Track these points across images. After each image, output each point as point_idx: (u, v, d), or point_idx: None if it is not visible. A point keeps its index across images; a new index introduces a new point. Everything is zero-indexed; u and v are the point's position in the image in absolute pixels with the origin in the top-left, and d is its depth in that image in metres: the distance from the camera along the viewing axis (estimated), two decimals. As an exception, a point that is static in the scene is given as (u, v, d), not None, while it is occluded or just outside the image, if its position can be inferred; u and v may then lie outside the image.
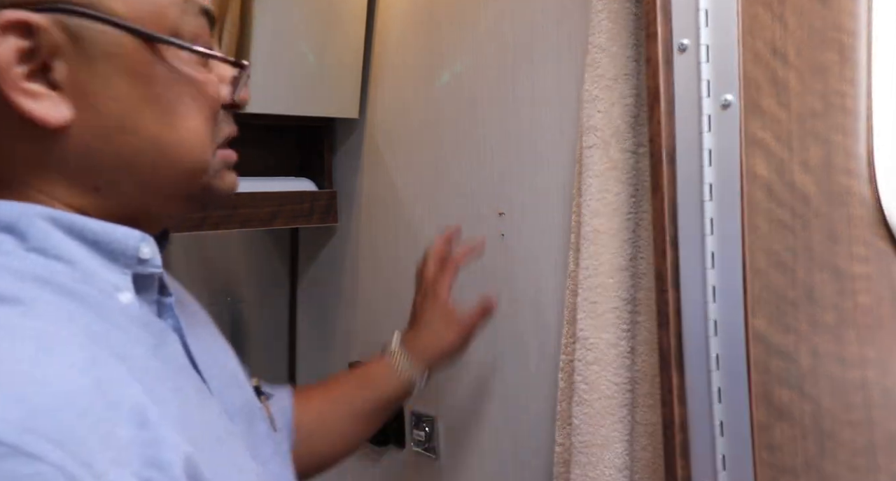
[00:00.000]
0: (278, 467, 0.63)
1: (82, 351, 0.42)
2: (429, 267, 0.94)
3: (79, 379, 0.40)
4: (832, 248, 0.69)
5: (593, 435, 0.78)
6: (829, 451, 0.67)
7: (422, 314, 0.91)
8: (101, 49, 0.47)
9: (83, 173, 0.49)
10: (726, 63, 0.61)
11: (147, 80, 0.49)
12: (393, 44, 1.17)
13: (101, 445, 0.39)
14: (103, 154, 0.49)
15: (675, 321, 0.65)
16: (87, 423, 0.39)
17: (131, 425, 0.41)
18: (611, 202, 0.78)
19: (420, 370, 0.88)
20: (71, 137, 0.48)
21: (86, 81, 0.47)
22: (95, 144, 0.48)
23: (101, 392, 0.41)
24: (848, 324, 0.70)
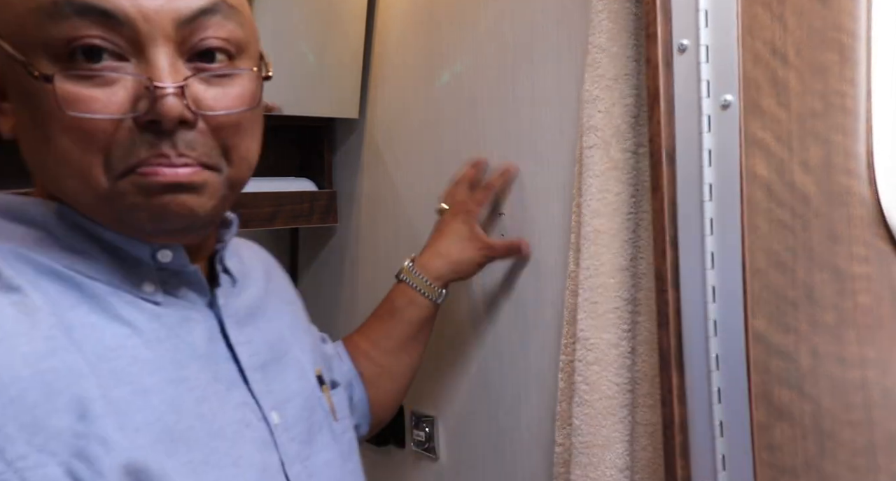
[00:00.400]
0: (330, 456, 0.64)
1: (44, 342, 0.45)
2: (460, 189, 0.95)
3: (20, 370, 0.43)
4: (832, 248, 0.69)
5: (594, 436, 0.78)
6: (829, 451, 0.67)
7: (447, 226, 0.92)
8: (4, 62, 0.49)
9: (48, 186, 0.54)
10: (726, 63, 0.61)
11: (24, 99, 0.49)
12: (393, 44, 1.17)
13: (23, 432, 0.41)
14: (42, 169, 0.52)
15: (675, 321, 0.65)
16: (11, 411, 0.42)
17: (68, 416, 0.44)
18: (611, 202, 0.78)
19: (438, 285, 0.90)
20: (24, 151, 0.51)
21: (8, 100, 0.51)
22: (33, 159, 0.52)
23: (42, 383, 0.43)
24: (848, 324, 0.70)
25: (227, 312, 0.59)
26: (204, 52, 0.50)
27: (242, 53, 0.53)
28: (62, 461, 0.43)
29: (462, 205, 0.94)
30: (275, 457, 0.56)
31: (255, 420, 0.56)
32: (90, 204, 0.50)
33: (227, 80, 0.52)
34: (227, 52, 0.52)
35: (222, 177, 0.53)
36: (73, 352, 0.46)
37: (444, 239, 0.92)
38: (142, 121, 0.48)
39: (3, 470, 0.41)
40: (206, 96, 0.50)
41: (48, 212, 0.52)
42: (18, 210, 0.52)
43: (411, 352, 0.91)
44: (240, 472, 0.52)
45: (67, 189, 0.50)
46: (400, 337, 0.90)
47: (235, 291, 0.63)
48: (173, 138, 0.48)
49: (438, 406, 1.13)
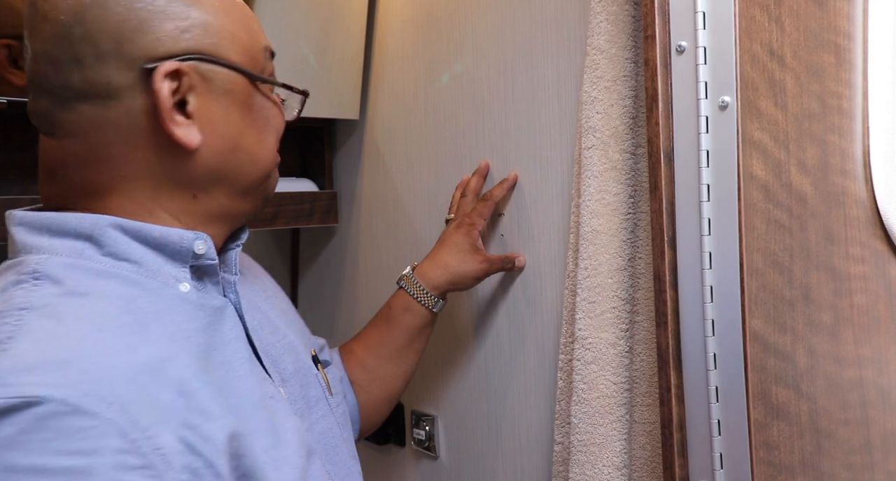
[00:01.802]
0: (328, 425, 0.74)
1: (133, 334, 0.53)
2: (466, 200, 0.99)
3: (125, 355, 0.51)
4: (829, 249, 0.69)
5: (592, 434, 0.79)
6: (825, 449, 0.67)
7: (449, 238, 0.95)
8: (222, 86, 0.62)
9: (190, 184, 0.62)
10: (724, 65, 0.62)
11: (250, 108, 0.64)
12: (393, 44, 1.17)
13: (145, 407, 0.49)
14: (213, 168, 0.62)
15: (674, 320, 0.66)
16: (133, 389, 0.50)
17: (172, 392, 0.52)
18: (609, 202, 0.79)
19: (435, 295, 0.93)
20: (195, 157, 0.61)
21: (212, 111, 0.61)
22: (210, 160, 0.62)
23: (146, 365, 0.52)
24: (844, 324, 0.70)
25: (241, 300, 0.67)
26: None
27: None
28: (173, 429, 0.51)
29: (466, 217, 0.96)
30: (297, 422, 0.65)
31: (275, 393, 0.64)
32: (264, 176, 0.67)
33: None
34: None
35: None
36: (153, 342, 0.54)
37: (446, 250, 0.94)
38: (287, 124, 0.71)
39: (138, 438, 0.48)
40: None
41: (89, 225, 0.58)
42: (59, 226, 0.58)
43: (406, 359, 0.94)
44: (282, 436, 0.60)
45: (249, 174, 0.65)
46: (395, 343, 0.92)
47: (241, 283, 0.70)
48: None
49: (438, 405, 1.13)
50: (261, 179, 0.67)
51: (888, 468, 0.73)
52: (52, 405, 0.46)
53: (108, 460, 0.46)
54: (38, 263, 0.56)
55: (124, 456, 0.47)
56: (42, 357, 0.48)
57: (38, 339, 0.50)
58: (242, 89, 0.63)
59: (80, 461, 0.46)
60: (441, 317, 1.10)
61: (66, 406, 0.46)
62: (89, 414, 0.47)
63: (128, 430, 0.48)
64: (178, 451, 0.50)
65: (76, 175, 0.60)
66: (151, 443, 0.49)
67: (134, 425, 0.48)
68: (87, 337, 0.51)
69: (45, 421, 0.45)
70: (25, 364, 0.48)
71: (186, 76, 0.59)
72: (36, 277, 0.55)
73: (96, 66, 0.57)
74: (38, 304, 0.52)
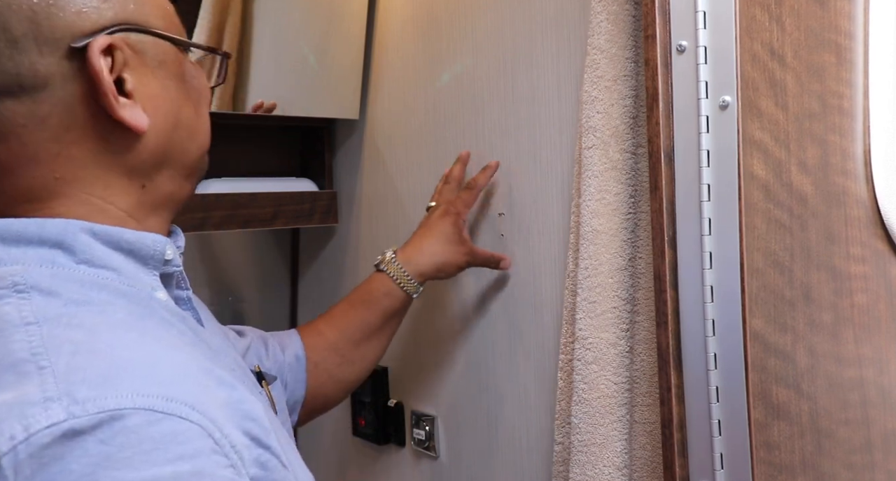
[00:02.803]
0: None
1: (159, 341, 0.50)
2: (450, 187, 0.97)
3: (178, 356, 0.49)
4: (829, 248, 0.69)
5: (592, 434, 0.79)
6: (826, 449, 0.67)
7: (435, 226, 0.93)
8: (156, 58, 0.55)
9: (139, 173, 0.56)
10: (724, 64, 0.62)
11: (182, 79, 0.58)
12: (393, 44, 1.17)
13: (213, 405, 0.47)
14: (159, 151, 0.56)
15: (674, 320, 0.66)
16: (200, 388, 0.47)
17: (223, 387, 0.49)
18: (610, 202, 0.78)
19: (417, 280, 0.91)
20: (142, 141, 0.55)
21: (150, 87, 0.55)
22: (156, 143, 0.56)
23: (197, 364, 0.49)
24: (845, 324, 0.70)
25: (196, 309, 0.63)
26: None
27: None
28: (237, 424, 0.48)
29: (451, 205, 0.94)
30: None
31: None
32: (203, 152, 0.62)
33: None
34: None
35: None
36: (178, 344, 0.51)
37: (433, 238, 0.93)
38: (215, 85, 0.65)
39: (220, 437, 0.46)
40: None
41: (59, 231, 0.52)
42: (19, 233, 0.51)
43: (380, 343, 0.92)
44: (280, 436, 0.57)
45: (190, 152, 0.60)
46: (370, 326, 0.91)
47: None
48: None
49: (438, 405, 1.13)
50: (201, 157, 0.61)
51: (889, 468, 0.73)
52: (140, 414, 0.42)
53: (209, 460, 0.44)
54: (15, 275, 0.49)
55: (217, 457, 0.45)
56: (99, 368, 0.44)
57: (77, 351, 0.45)
58: (174, 58, 0.57)
59: (186, 465, 0.43)
60: (442, 316, 1.10)
61: (154, 413, 0.43)
62: (178, 418, 0.44)
63: (211, 430, 0.45)
64: (245, 446, 0.47)
65: (7, 183, 0.52)
66: (229, 441, 0.46)
67: (214, 424, 0.46)
68: (132, 343, 0.48)
69: (138, 432, 0.42)
70: (84, 378, 0.43)
71: (119, 51, 0.52)
72: (19, 290, 0.48)
73: (12, 53, 0.49)
74: (50, 316, 0.47)
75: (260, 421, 0.49)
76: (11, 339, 0.46)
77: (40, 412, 0.41)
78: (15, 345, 0.45)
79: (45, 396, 0.42)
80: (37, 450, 0.40)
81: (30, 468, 0.40)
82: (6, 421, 0.41)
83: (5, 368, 0.45)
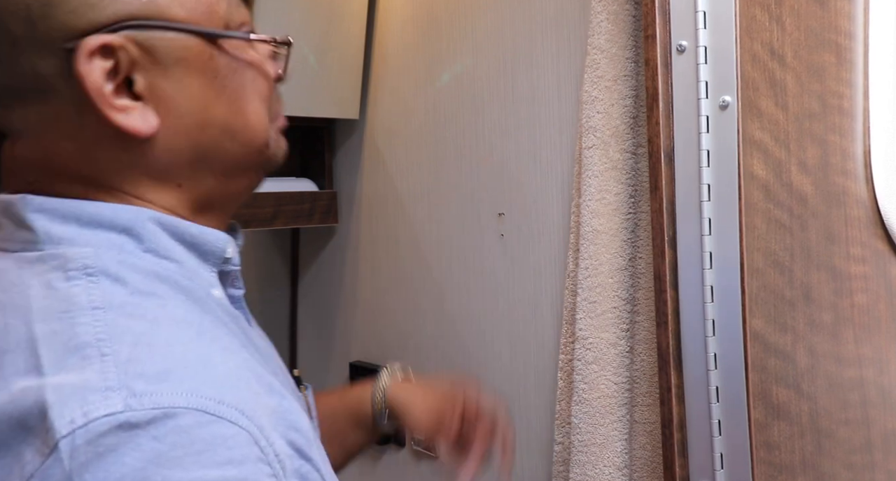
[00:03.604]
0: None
1: (215, 340, 0.49)
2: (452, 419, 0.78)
3: (232, 359, 0.48)
4: (829, 248, 0.69)
5: (592, 434, 0.79)
6: (826, 449, 0.67)
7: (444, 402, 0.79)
8: (172, 55, 0.51)
9: (168, 173, 0.54)
10: (724, 64, 0.62)
11: (213, 74, 0.54)
12: (393, 44, 1.17)
13: (261, 412, 0.46)
14: (185, 151, 0.53)
15: (674, 320, 0.66)
16: (250, 394, 0.46)
17: (273, 395, 0.49)
18: (610, 202, 0.78)
19: (391, 424, 0.79)
20: (158, 142, 0.52)
21: (163, 88, 0.51)
22: (178, 144, 0.53)
23: (249, 368, 0.49)
24: (845, 324, 0.70)
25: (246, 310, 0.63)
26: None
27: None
28: (282, 433, 0.47)
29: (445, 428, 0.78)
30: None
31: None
32: (256, 151, 0.57)
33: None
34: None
35: None
36: (230, 345, 0.50)
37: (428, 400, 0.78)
38: (277, 77, 0.60)
39: (266, 446, 0.45)
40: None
41: (130, 218, 0.52)
42: (93, 216, 0.51)
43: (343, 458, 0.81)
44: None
45: (231, 151, 0.56)
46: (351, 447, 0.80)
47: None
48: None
49: (438, 405, 1.13)
50: (251, 155, 0.57)
51: (889, 468, 0.73)
52: (193, 414, 0.42)
53: (254, 467, 0.43)
54: (87, 257, 0.49)
55: (262, 465, 0.44)
56: (157, 363, 0.44)
57: (137, 343, 0.45)
58: (199, 53, 0.52)
59: (233, 471, 0.42)
60: (442, 316, 1.10)
61: (206, 415, 0.43)
62: (229, 422, 0.43)
63: (258, 437, 0.45)
64: (288, 456, 0.46)
65: (45, 181, 0.52)
66: (273, 450, 0.45)
67: (261, 432, 0.45)
68: (190, 341, 0.47)
69: (190, 432, 0.42)
70: (142, 372, 0.43)
71: (122, 50, 0.49)
72: (89, 273, 0.48)
73: (15, 56, 0.48)
74: (116, 303, 0.47)
75: (304, 433, 0.49)
76: (78, 321, 0.46)
77: (100, 400, 0.41)
78: (80, 328, 0.45)
79: (106, 384, 0.42)
80: (94, 438, 0.40)
81: (85, 455, 0.40)
82: (68, 404, 0.41)
83: (70, 350, 0.44)
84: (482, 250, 1.03)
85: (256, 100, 0.57)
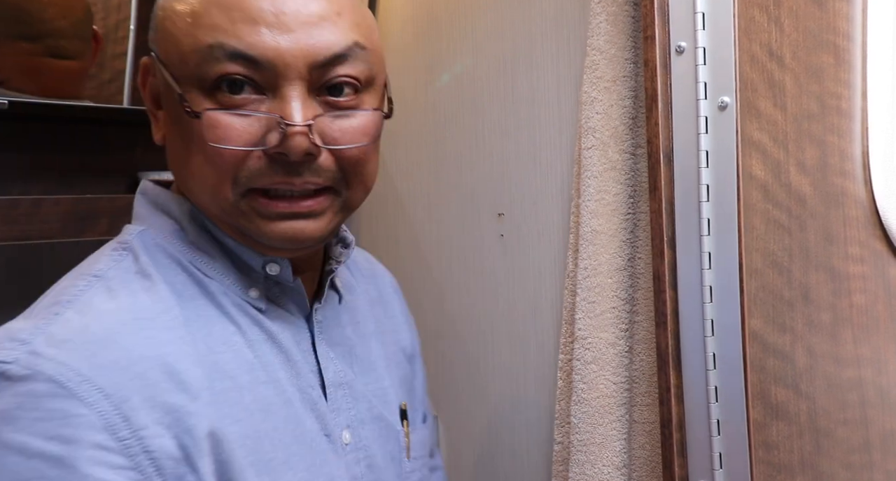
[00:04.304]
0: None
1: (166, 331, 0.51)
2: None
3: (145, 350, 0.49)
4: (828, 249, 0.69)
5: (591, 434, 0.79)
6: (824, 449, 0.68)
7: None
8: (165, 89, 0.55)
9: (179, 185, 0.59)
10: (723, 65, 0.62)
11: (173, 118, 0.55)
12: (393, 45, 1.17)
13: (145, 405, 0.47)
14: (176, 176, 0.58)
15: (673, 321, 0.66)
16: (139, 385, 0.48)
17: (182, 396, 0.49)
18: (609, 203, 0.79)
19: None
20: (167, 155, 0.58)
21: (162, 115, 0.57)
22: (173, 170, 0.58)
23: (162, 364, 0.50)
24: (844, 324, 0.71)
25: (322, 327, 0.62)
26: (333, 86, 0.55)
27: (369, 87, 0.58)
28: (175, 434, 0.48)
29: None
30: (342, 472, 0.59)
31: (329, 432, 0.59)
32: (216, 215, 0.56)
33: (352, 115, 0.56)
34: (355, 86, 0.56)
35: (341, 199, 0.58)
36: (188, 343, 0.52)
37: None
38: (272, 153, 0.53)
39: (127, 437, 0.46)
40: (332, 130, 0.55)
41: (183, 211, 0.57)
42: (164, 203, 0.58)
43: None
44: (311, 477, 0.55)
45: (200, 198, 0.56)
46: None
47: (339, 309, 0.66)
48: (299, 168, 0.54)
49: (438, 405, 1.13)
50: (211, 214, 0.56)
51: (887, 467, 0.73)
52: (50, 384, 0.45)
53: (85, 453, 0.45)
54: (132, 235, 0.56)
55: (108, 454, 0.46)
56: (68, 332, 0.48)
57: (80, 310, 0.50)
58: (169, 93, 0.55)
59: (57, 448, 0.45)
60: (442, 316, 1.11)
61: (62, 388, 0.45)
62: (80, 401, 0.46)
63: (115, 425, 0.46)
64: (171, 457, 0.48)
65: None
66: (143, 444, 0.47)
67: (126, 422, 0.46)
68: (126, 322, 0.50)
69: (39, 399, 0.45)
70: (53, 335, 0.48)
71: (150, 72, 0.57)
72: (124, 248, 0.56)
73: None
74: (110, 275, 0.53)
75: (198, 441, 0.49)
76: (76, 283, 0.52)
77: (7, 347, 0.47)
78: (72, 288, 0.52)
79: (24, 336, 0.48)
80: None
81: None
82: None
83: (52, 303, 0.51)
84: (482, 250, 1.03)
85: (197, 162, 0.53)
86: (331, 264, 0.63)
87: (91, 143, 0.98)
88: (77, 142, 0.98)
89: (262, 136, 0.52)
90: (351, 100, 0.56)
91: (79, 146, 0.98)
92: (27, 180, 0.95)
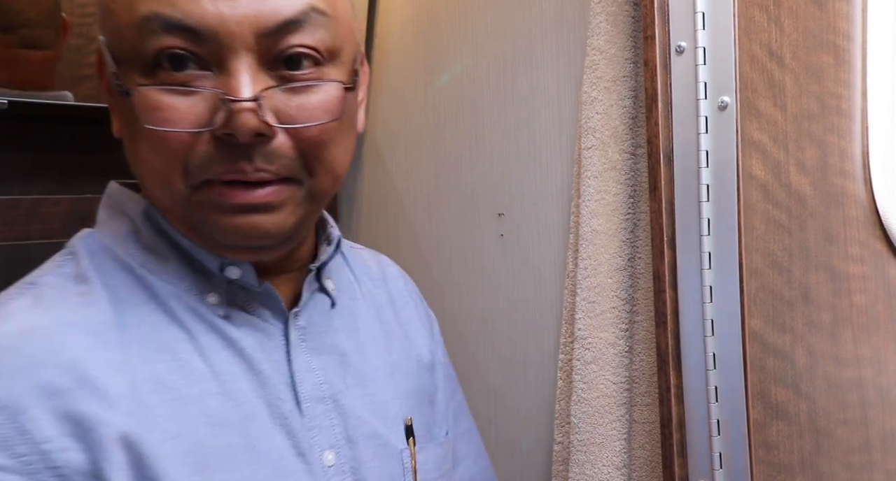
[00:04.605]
0: None
1: (90, 336, 0.47)
2: None
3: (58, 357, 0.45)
4: (828, 249, 0.69)
5: (591, 434, 0.79)
6: (824, 449, 0.67)
7: None
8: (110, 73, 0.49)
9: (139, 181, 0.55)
10: (723, 65, 0.62)
11: (119, 107, 0.51)
12: (393, 45, 1.17)
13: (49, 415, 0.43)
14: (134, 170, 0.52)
15: (673, 320, 0.66)
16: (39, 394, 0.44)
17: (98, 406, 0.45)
18: (609, 203, 0.79)
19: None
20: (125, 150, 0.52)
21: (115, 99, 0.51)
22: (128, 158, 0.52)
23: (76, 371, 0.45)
24: (844, 324, 0.71)
25: (305, 334, 0.56)
26: (289, 58, 0.48)
27: (334, 59, 0.50)
28: (87, 447, 0.43)
29: None
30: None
31: (303, 451, 0.52)
32: (170, 208, 0.51)
33: (311, 89, 0.49)
34: (315, 59, 0.49)
35: (304, 189, 0.50)
36: (116, 350, 0.47)
37: None
38: (219, 134, 0.46)
39: (26, 453, 0.42)
40: (288, 107, 0.48)
41: (138, 211, 0.53)
42: (122, 203, 0.54)
43: None
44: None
45: (151, 192, 0.51)
46: None
47: (331, 314, 0.59)
48: (250, 152, 0.47)
49: (438, 405, 1.13)
50: (165, 207, 0.51)
51: (887, 468, 0.73)
52: None
53: None
54: (79, 239, 0.53)
55: (1, 475, 0.41)
56: None
57: (2, 319, 0.47)
58: (110, 74, 0.49)
59: None
60: (442, 317, 1.11)
61: None
62: None
63: (14, 442, 0.42)
64: (82, 473, 0.43)
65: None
66: (46, 460, 0.42)
67: (24, 436, 0.42)
68: (41, 327, 0.46)
69: None
70: None
71: (103, 59, 0.50)
72: (70, 253, 0.52)
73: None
74: (44, 281, 0.50)
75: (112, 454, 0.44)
76: (8, 291, 0.50)
77: None
78: (2, 297, 0.50)
79: None
80: None
81: None
82: None
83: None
84: (482, 250, 1.03)
85: (145, 149, 0.48)
86: (313, 264, 0.58)
87: (91, 143, 0.98)
88: (77, 142, 0.98)
89: (209, 118, 0.46)
90: (310, 73, 0.48)
91: (79, 146, 0.98)
92: (27, 180, 0.95)
